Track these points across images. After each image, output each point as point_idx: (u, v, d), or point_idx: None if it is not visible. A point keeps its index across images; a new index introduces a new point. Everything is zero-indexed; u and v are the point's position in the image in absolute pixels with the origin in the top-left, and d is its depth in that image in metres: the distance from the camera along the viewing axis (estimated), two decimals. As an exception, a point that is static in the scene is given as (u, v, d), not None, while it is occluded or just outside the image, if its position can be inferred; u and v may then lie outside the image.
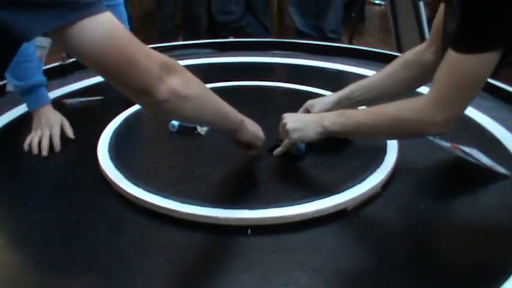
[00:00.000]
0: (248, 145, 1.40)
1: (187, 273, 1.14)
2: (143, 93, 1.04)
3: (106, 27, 0.97)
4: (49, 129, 1.60)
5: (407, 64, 1.52)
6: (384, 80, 1.54)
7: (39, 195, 1.39)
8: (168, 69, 1.06)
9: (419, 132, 1.33)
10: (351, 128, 1.37)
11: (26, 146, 1.58)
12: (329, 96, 1.58)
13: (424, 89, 1.58)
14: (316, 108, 1.52)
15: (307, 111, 1.54)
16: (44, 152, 1.55)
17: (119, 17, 1.90)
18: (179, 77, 1.09)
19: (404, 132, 1.34)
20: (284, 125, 1.40)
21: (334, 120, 1.37)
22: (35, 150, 1.56)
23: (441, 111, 1.24)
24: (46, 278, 1.14)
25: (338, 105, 1.52)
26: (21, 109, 1.77)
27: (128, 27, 1.91)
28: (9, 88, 1.81)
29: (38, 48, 1.74)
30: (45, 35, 0.98)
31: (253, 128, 1.38)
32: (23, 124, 1.69)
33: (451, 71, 1.23)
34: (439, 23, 1.41)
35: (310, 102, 1.55)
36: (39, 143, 1.57)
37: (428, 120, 1.26)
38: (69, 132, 1.62)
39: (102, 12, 0.97)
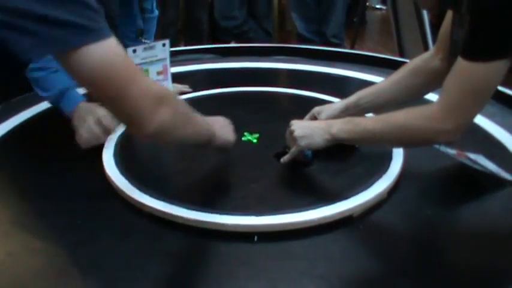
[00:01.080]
0: (219, 149, 1.43)
1: (194, 280, 1.13)
2: (133, 124, 1.07)
3: (107, 55, 0.98)
4: (92, 115, 1.60)
5: (415, 71, 1.52)
6: (392, 87, 1.55)
7: (44, 200, 1.39)
8: (161, 103, 1.07)
9: (429, 141, 1.34)
10: (358, 136, 1.37)
11: (80, 141, 1.57)
12: (336, 103, 1.58)
13: (431, 96, 1.58)
14: (323, 115, 1.52)
15: (314, 117, 1.54)
16: (110, 133, 1.59)
17: (151, 28, 1.92)
18: (169, 109, 1.09)
19: (413, 140, 1.34)
20: (292, 132, 1.40)
21: (342, 127, 1.37)
22: (92, 141, 1.57)
23: (451, 119, 1.24)
24: (52, 283, 1.14)
25: (345, 112, 1.52)
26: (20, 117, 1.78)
27: (152, 37, 1.94)
28: None
29: None
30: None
31: (223, 134, 1.40)
32: (27, 130, 1.69)
33: (460, 79, 1.23)
34: (446, 30, 1.41)
35: (317, 108, 1.55)
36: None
37: (438, 129, 1.26)
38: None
39: (107, 39, 0.98)
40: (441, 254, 1.21)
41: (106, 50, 0.98)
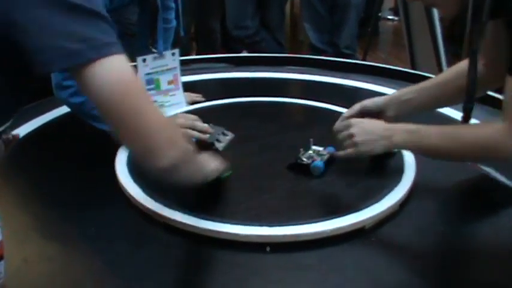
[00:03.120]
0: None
1: (206, 290, 1.14)
2: (143, 153, 1.06)
3: (124, 67, 0.98)
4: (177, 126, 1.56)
5: (461, 73, 1.50)
6: (435, 87, 1.54)
7: (58, 208, 1.40)
8: (178, 133, 1.09)
9: (497, 159, 1.34)
10: (422, 150, 1.38)
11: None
12: (378, 98, 1.58)
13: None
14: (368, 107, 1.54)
15: (360, 113, 1.53)
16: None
17: (169, 38, 1.91)
18: (183, 142, 1.10)
19: (481, 157, 1.36)
20: (352, 135, 1.40)
21: (405, 138, 1.37)
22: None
23: None
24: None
25: (385, 107, 1.53)
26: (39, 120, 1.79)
27: (170, 47, 1.94)
28: None
29: None
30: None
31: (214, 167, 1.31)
32: (42, 138, 1.70)
33: None
34: (489, 40, 1.40)
35: (364, 103, 1.56)
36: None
37: (508, 147, 1.26)
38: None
39: (121, 53, 0.97)
40: (453, 267, 1.21)
41: (123, 63, 0.98)
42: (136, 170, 1.47)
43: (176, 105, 1.89)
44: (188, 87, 2.01)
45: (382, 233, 1.29)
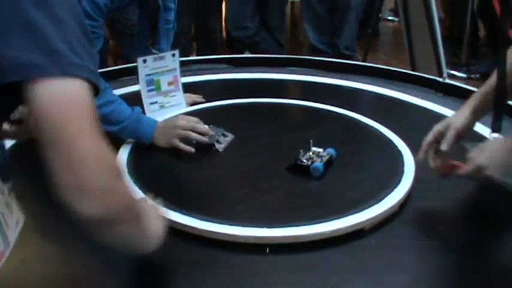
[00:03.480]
0: None
1: (206, 291, 1.14)
2: (69, 188, 0.87)
3: (76, 92, 0.84)
4: (179, 127, 1.62)
5: None
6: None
7: (57, 208, 1.39)
8: (119, 178, 0.90)
9: None
10: None
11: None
12: (460, 111, 1.48)
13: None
14: (459, 127, 1.44)
15: (441, 134, 1.45)
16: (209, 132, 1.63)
17: (169, 39, 1.90)
18: (122, 201, 0.91)
19: None
20: (482, 168, 1.31)
21: None
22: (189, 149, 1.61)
23: None
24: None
25: (475, 114, 1.46)
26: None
27: (170, 48, 1.94)
28: None
29: None
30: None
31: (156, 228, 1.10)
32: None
33: None
34: None
35: (443, 124, 1.46)
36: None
37: None
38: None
39: (82, 79, 0.85)
40: (452, 268, 1.21)
41: (78, 88, 0.85)
42: (135, 171, 1.48)
43: (176, 106, 1.90)
44: (188, 88, 2.01)
45: (381, 234, 1.29)
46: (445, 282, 1.16)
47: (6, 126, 1.16)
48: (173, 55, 1.87)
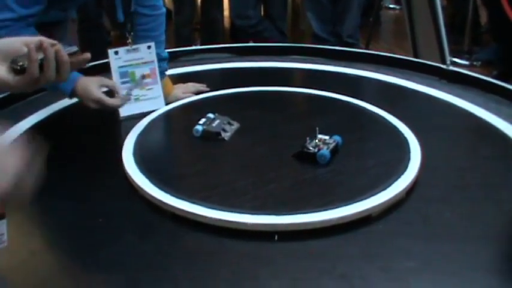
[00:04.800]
0: None
1: (214, 279, 1.14)
2: None
3: None
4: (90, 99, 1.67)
5: None
6: None
7: (65, 200, 1.40)
8: None
9: None
10: None
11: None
12: None
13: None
14: None
15: None
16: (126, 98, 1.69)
17: (158, 26, 1.90)
18: None
19: None
20: None
21: None
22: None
23: None
24: (74, 282, 1.15)
25: None
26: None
27: (164, 36, 1.93)
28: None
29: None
30: None
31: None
32: (46, 129, 1.71)
33: None
34: None
35: None
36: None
37: None
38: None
39: None
40: (460, 254, 1.21)
41: None
42: (142, 161, 1.48)
43: (153, 99, 1.86)
44: (193, 77, 2.01)
45: (388, 220, 1.30)
46: (452, 268, 1.16)
47: (8, 75, 1.10)
48: (149, 47, 1.84)
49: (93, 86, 1.68)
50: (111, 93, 1.72)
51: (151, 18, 1.89)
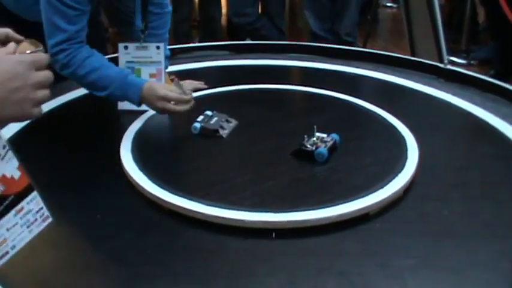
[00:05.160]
0: None
1: (212, 276, 1.14)
2: None
3: None
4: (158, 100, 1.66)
5: None
6: None
7: (64, 195, 1.40)
8: None
9: None
10: None
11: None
12: None
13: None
14: None
15: None
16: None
17: (163, 24, 1.91)
18: None
19: None
20: None
21: None
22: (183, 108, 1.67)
23: None
24: (74, 278, 1.15)
25: None
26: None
27: (168, 34, 1.93)
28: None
29: None
30: None
31: None
32: (45, 125, 1.70)
33: None
34: None
35: None
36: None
37: None
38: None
39: None
40: (458, 252, 1.22)
41: None
42: (141, 158, 1.48)
43: None
44: (191, 74, 2.01)
45: (386, 218, 1.30)
46: (449, 266, 1.16)
47: None
48: (157, 47, 1.85)
49: (158, 85, 1.70)
50: None
51: (158, 16, 1.90)
